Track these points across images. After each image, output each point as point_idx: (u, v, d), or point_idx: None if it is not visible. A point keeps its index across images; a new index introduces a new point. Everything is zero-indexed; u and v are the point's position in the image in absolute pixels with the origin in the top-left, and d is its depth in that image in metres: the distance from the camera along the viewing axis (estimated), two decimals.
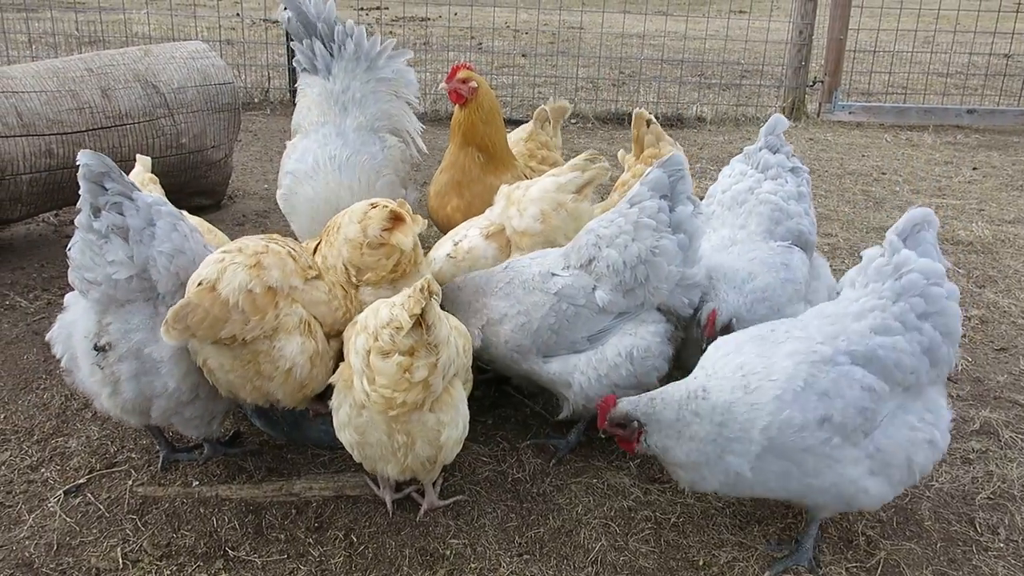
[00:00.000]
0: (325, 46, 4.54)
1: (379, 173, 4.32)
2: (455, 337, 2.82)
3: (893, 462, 2.68)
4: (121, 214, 2.82)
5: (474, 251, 3.71)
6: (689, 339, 3.31)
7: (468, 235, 3.79)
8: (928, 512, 3.16)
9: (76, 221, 2.88)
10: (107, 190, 2.82)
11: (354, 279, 3.17)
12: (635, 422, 2.73)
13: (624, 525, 3.06)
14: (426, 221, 3.32)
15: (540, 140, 4.97)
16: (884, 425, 2.67)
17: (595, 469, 3.35)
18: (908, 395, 2.72)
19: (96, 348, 2.93)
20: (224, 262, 2.85)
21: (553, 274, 3.25)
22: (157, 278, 2.86)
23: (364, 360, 2.67)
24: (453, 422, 2.80)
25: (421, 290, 2.55)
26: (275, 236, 3.14)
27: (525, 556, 2.91)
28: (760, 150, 3.67)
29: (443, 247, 3.81)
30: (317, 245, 3.32)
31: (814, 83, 9.55)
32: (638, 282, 3.13)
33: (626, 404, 2.76)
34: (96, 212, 2.83)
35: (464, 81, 4.26)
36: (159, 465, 3.29)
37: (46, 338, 3.15)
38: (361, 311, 2.94)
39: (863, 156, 8.09)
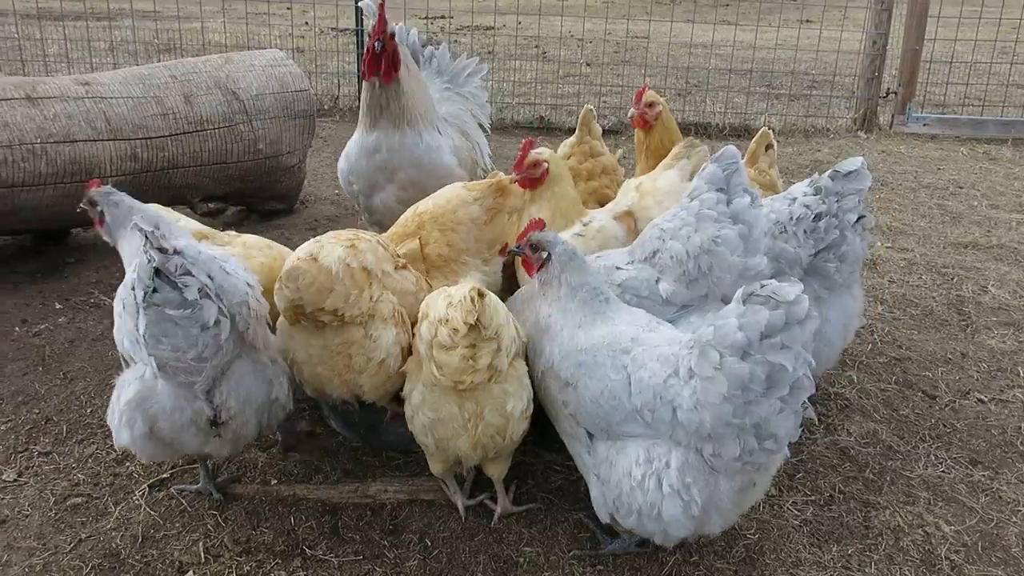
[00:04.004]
0: (413, 56, 4.67)
1: (428, 124, 4.34)
2: (513, 319, 2.91)
3: None
4: (190, 273, 2.56)
5: (605, 230, 3.70)
6: None
7: (596, 217, 3.77)
8: (1015, 538, 3.06)
9: (154, 301, 2.54)
10: (166, 252, 2.53)
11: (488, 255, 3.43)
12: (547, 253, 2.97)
13: (699, 539, 3.02)
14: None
15: (584, 149, 4.51)
16: None
17: None
18: None
19: (215, 425, 2.82)
20: (321, 241, 2.94)
21: (617, 267, 3.27)
22: (242, 326, 2.80)
23: (429, 349, 2.76)
24: (517, 393, 2.85)
25: (472, 300, 2.64)
26: (361, 231, 3.18)
27: (599, 567, 2.89)
28: None
29: (570, 229, 3.73)
30: (423, 251, 3.40)
31: (887, 94, 9.35)
32: (701, 272, 3.11)
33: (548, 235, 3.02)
34: (172, 283, 2.53)
35: (650, 105, 4.36)
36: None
37: (116, 429, 2.96)
38: None
39: (938, 169, 7.88)
